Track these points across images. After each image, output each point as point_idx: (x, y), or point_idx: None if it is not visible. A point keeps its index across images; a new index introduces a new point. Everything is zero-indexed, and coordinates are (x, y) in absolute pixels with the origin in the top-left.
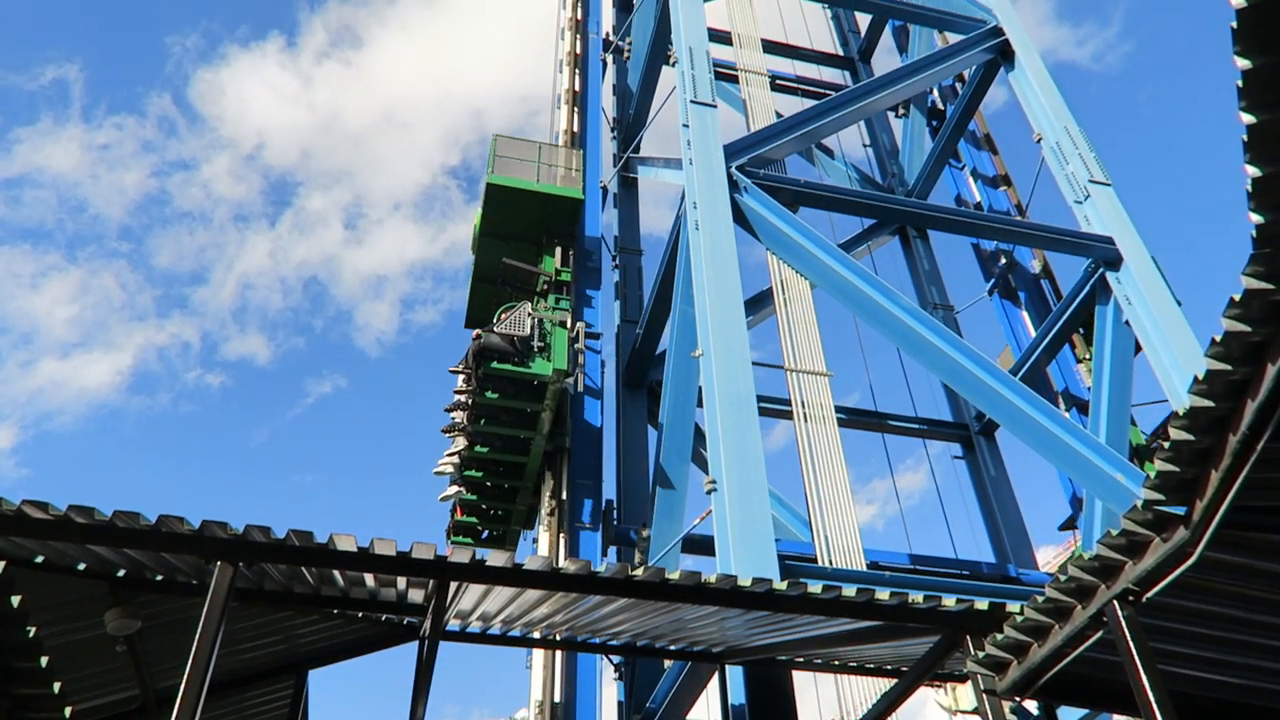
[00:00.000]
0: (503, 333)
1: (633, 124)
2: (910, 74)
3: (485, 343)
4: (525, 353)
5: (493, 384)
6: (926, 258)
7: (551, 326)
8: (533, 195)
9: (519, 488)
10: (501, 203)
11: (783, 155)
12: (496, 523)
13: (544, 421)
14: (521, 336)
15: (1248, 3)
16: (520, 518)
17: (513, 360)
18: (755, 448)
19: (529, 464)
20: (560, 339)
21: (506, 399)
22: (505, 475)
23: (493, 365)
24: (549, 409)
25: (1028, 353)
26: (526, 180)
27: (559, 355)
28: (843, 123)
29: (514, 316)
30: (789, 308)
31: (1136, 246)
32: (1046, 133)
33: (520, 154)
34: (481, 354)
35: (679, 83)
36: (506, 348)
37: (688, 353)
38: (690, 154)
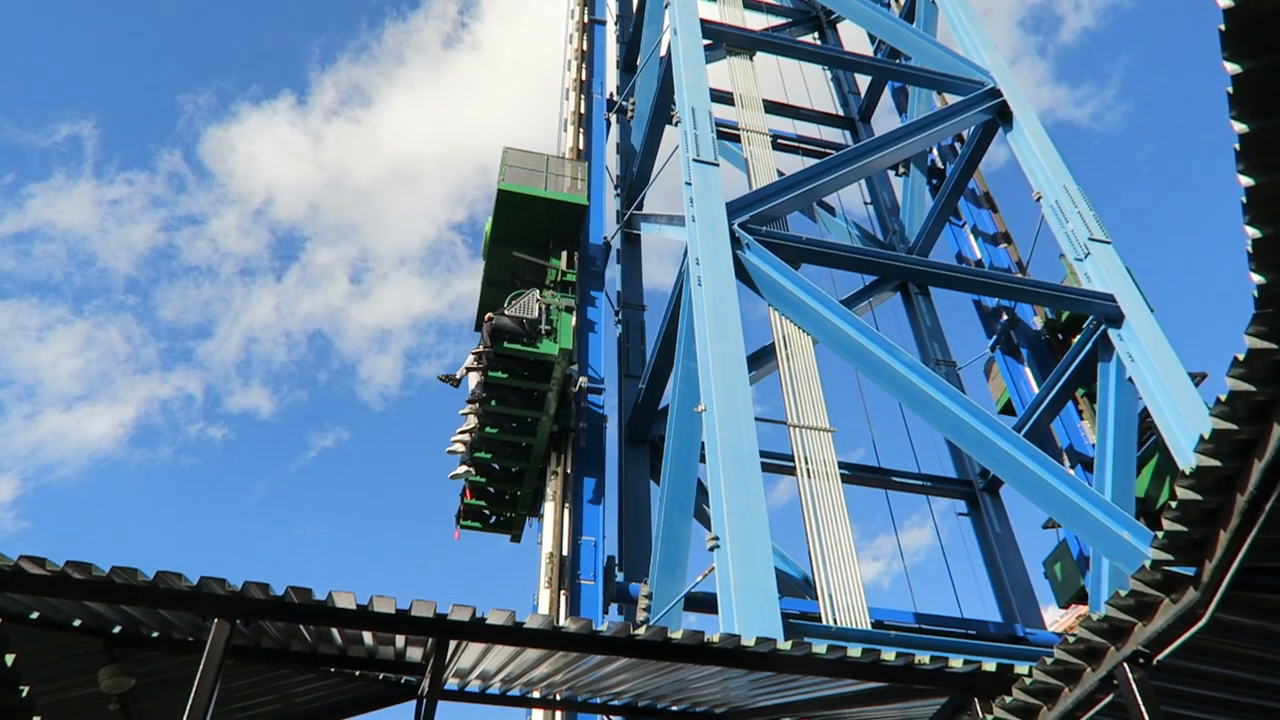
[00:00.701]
0: (513, 315)
1: (636, 182)
2: (909, 134)
3: (497, 324)
4: (533, 334)
5: (502, 364)
6: (928, 314)
7: (558, 312)
8: (540, 200)
9: (526, 469)
10: (511, 208)
11: (784, 213)
12: (503, 506)
13: (550, 402)
14: (530, 319)
15: (1242, 68)
16: (527, 501)
17: (522, 341)
18: (758, 504)
19: (535, 445)
20: (565, 323)
21: (515, 379)
22: (513, 456)
23: (504, 345)
24: (555, 389)
25: (1031, 409)
26: (535, 187)
27: (564, 336)
28: (843, 181)
29: (523, 301)
30: (791, 363)
31: (1137, 303)
32: (1046, 191)
33: (529, 165)
34: (496, 333)
35: (682, 141)
36: (516, 329)
37: (690, 408)
38: (693, 211)
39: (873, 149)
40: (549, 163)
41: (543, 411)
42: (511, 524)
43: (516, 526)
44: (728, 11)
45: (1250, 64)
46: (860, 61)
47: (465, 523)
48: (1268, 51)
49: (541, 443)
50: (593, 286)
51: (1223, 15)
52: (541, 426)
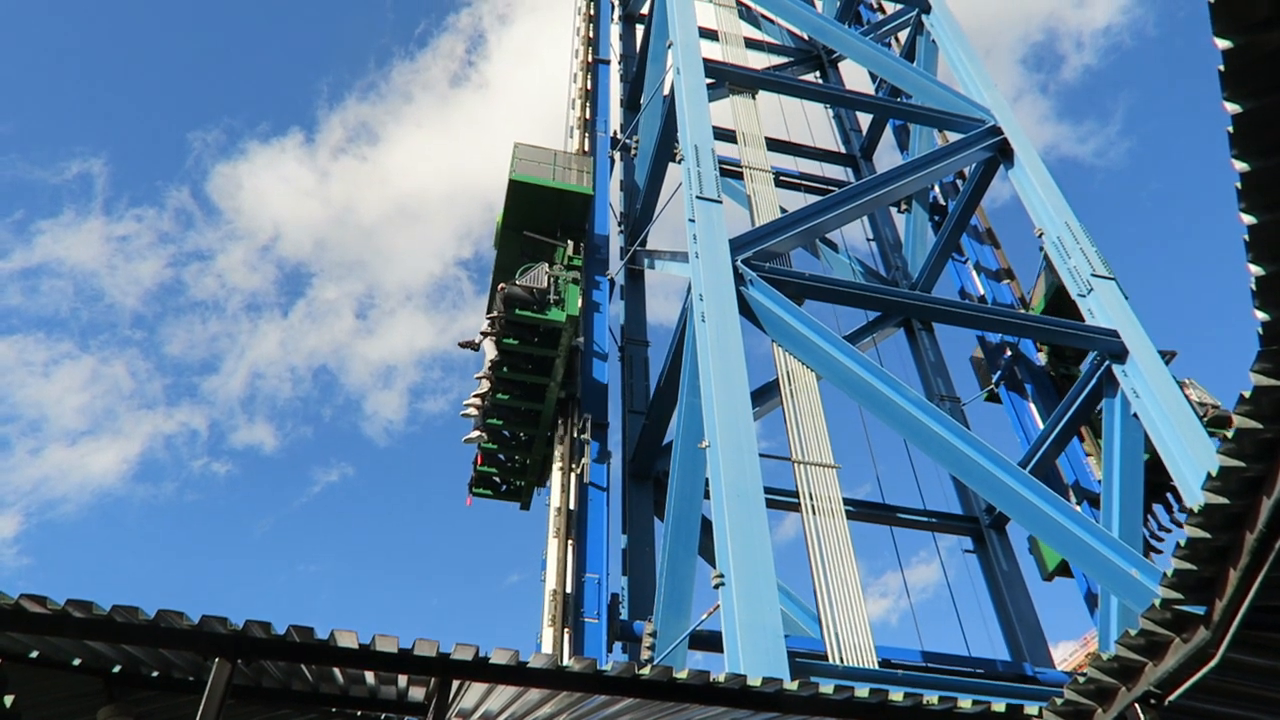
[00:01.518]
0: (523, 285)
1: (639, 219)
2: (911, 171)
3: (509, 292)
4: (542, 303)
5: (514, 331)
6: (932, 350)
7: (565, 284)
8: (548, 190)
9: (535, 436)
10: (521, 197)
11: (787, 249)
12: (514, 474)
13: (558, 369)
14: (539, 289)
15: (1242, 108)
16: (535, 469)
17: (532, 308)
18: (763, 541)
19: (544, 411)
20: (573, 294)
21: (526, 345)
22: (523, 423)
23: (516, 312)
24: (562, 356)
25: (1036, 445)
26: (544, 178)
27: (571, 304)
28: (846, 217)
29: (533, 274)
30: (795, 399)
31: (1141, 339)
32: (1047, 228)
33: (538, 159)
34: (508, 301)
35: (685, 179)
36: (527, 296)
37: (694, 444)
38: (696, 248)
39: (875, 186)
40: (556, 157)
41: (551, 378)
42: (521, 492)
43: (526, 494)
44: (730, 51)
45: (1250, 104)
46: (861, 100)
47: (478, 490)
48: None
49: (550, 408)
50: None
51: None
52: (550, 393)
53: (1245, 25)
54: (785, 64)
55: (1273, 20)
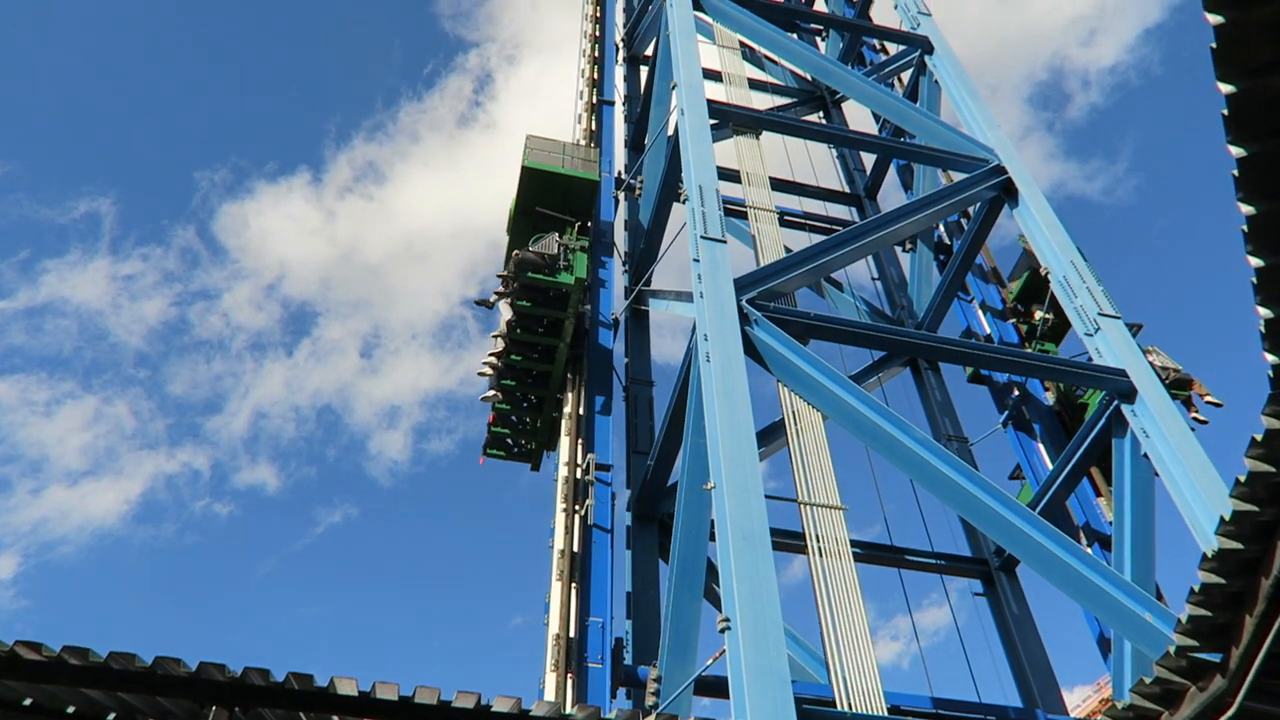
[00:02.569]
0: (535, 251)
1: (643, 258)
2: (915, 211)
3: (522, 257)
4: (553, 267)
5: (527, 294)
6: (938, 390)
7: (574, 252)
8: (559, 177)
9: (545, 397)
10: (533, 184)
11: (793, 289)
12: (525, 434)
13: (567, 330)
14: (550, 254)
15: (1248, 152)
16: (544, 432)
17: (543, 271)
18: (769, 584)
19: (554, 371)
20: (580, 260)
21: (538, 307)
22: (535, 385)
23: (529, 275)
24: (571, 317)
25: (1045, 486)
26: (554, 165)
27: (580, 268)
28: (851, 257)
29: (545, 242)
30: (801, 440)
31: (1150, 379)
32: (1053, 267)
33: (549, 149)
34: (521, 265)
35: (689, 219)
36: (539, 261)
37: (699, 485)
38: (701, 287)
39: (879, 225)
40: (565, 148)
41: (560, 339)
42: (532, 454)
43: (536, 456)
44: (734, 92)
45: (1255, 148)
46: (865, 140)
47: (491, 451)
48: (1271, 136)
49: (560, 368)
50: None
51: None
52: (559, 353)
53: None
54: (789, 104)
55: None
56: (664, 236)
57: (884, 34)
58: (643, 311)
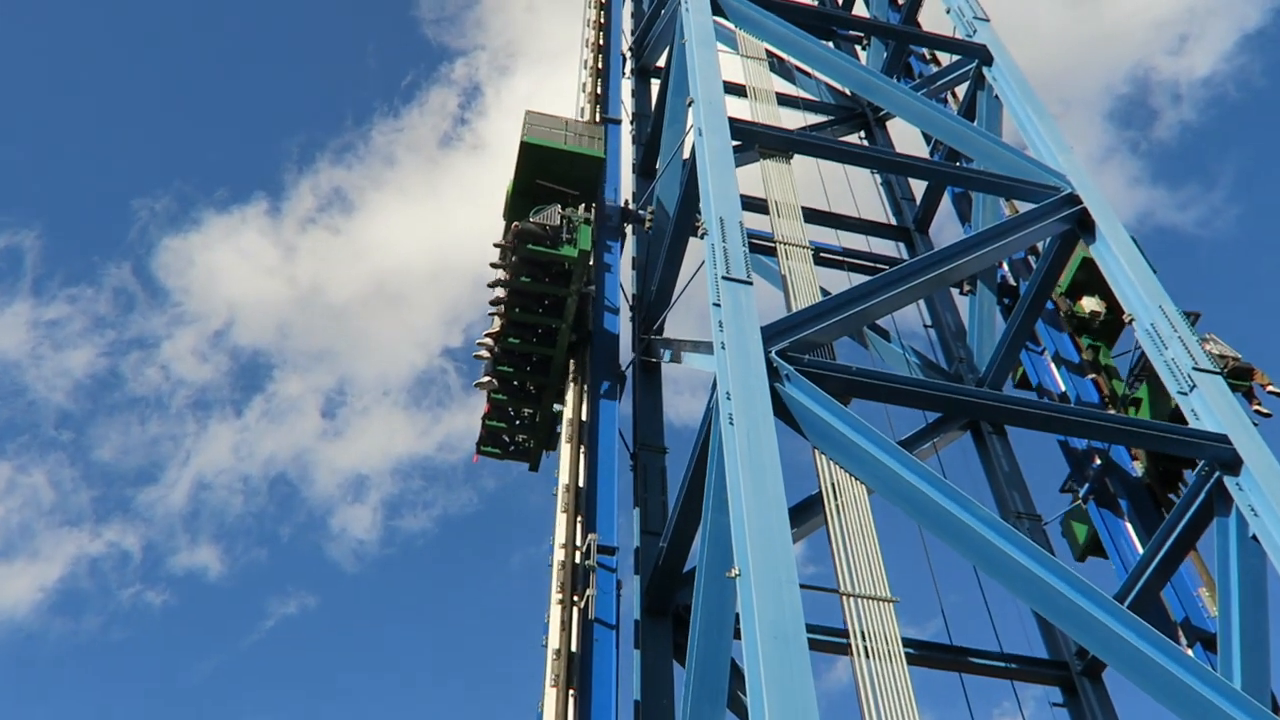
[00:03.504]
0: (536, 222)
1: (655, 302)
2: (975, 247)
3: (523, 228)
4: (555, 239)
5: (527, 269)
6: (1005, 458)
7: (578, 224)
8: (561, 153)
9: (546, 385)
10: (533, 161)
11: (831, 338)
12: (523, 430)
13: (569, 309)
14: (552, 226)
15: None
16: (545, 428)
17: (545, 243)
18: (806, 691)
19: (555, 356)
20: (584, 232)
21: (538, 283)
22: (534, 372)
23: (529, 247)
24: (574, 295)
25: (1136, 574)
26: (556, 141)
27: (584, 240)
28: (900, 301)
29: (546, 213)
30: (843, 518)
31: (1257, 447)
32: (1138, 314)
33: (550, 125)
34: (522, 236)
35: (709, 256)
36: (540, 233)
37: (721, 572)
38: (722, 337)
39: (932, 264)
40: (568, 124)
41: (562, 319)
42: (530, 453)
43: (535, 455)
44: (760, 109)
45: None
46: (914, 164)
47: (485, 449)
48: None
49: (561, 354)
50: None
51: None
52: (561, 335)
53: None
54: (824, 123)
55: None
56: (678, 277)
57: (935, 42)
58: (653, 364)
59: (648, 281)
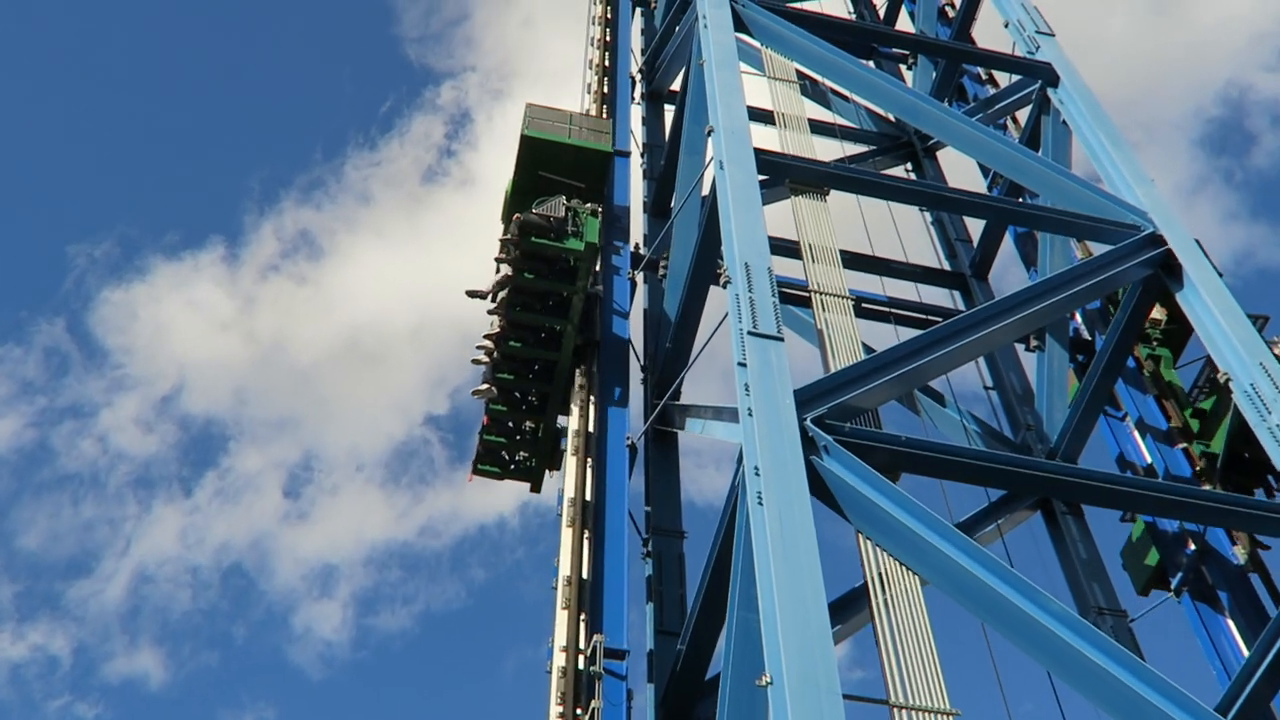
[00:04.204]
0: (540, 213)
1: (670, 361)
2: (1042, 296)
3: (525, 219)
4: (560, 232)
5: (530, 265)
6: (1082, 542)
7: (584, 216)
8: (565, 147)
9: (550, 394)
10: (535, 157)
11: (876, 403)
12: (525, 446)
13: (575, 308)
14: (557, 218)
15: None
16: (548, 446)
17: (549, 235)
18: None
19: (560, 361)
20: (592, 225)
21: (542, 280)
22: (537, 379)
23: (532, 240)
24: (580, 294)
25: (1241, 680)
26: (559, 135)
27: (591, 233)
28: (956, 359)
29: (551, 204)
30: (893, 614)
31: None
32: (1236, 373)
33: (554, 119)
34: (524, 228)
35: (732, 308)
36: (544, 224)
37: (750, 680)
38: (749, 402)
39: (993, 315)
40: (573, 118)
41: (568, 319)
42: (532, 472)
43: (538, 474)
44: (791, 138)
45: None
46: (969, 200)
47: (483, 467)
48: None
49: (566, 358)
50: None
51: None
52: (566, 338)
53: None
54: (865, 154)
55: None
56: (697, 332)
57: (992, 60)
58: (669, 435)
59: (661, 337)
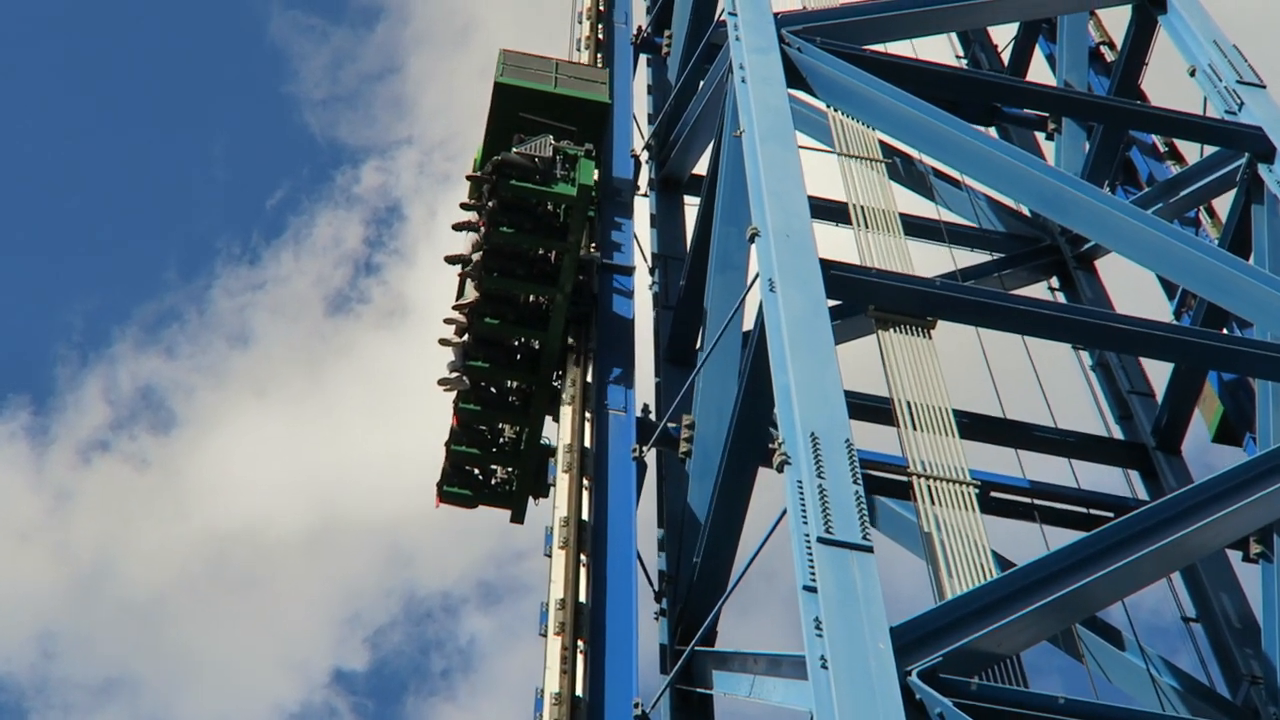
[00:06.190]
0: (522, 153)
1: (699, 583)
2: (1267, 477)
3: (504, 158)
4: (548, 175)
5: (509, 216)
6: None
7: (577, 156)
8: (551, 98)
9: (535, 389)
10: (512, 110)
11: (1017, 647)
12: (503, 459)
13: (567, 272)
14: (544, 157)
15: None
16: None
17: (534, 178)
18: None
19: (547, 343)
20: (586, 167)
21: (524, 234)
22: (519, 369)
23: (513, 183)
24: (573, 251)
25: None
26: (543, 84)
27: (585, 175)
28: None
29: (535, 144)
30: None
31: None
32: None
33: (535, 66)
34: (503, 169)
35: (792, 503)
36: (528, 164)
37: None
38: (822, 648)
39: (1194, 509)
40: (559, 66)
41: (557, 288)
42: (512, 495)
43: (519, 498)
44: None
45: None
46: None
47: (451, 489)
48: None
49: (554, 341)
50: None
51: None
52: (556, 311)
53: None
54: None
55: None
56: (739, 539)
57: (1175, 124)
58: (700, 698)
59: (685, 548)
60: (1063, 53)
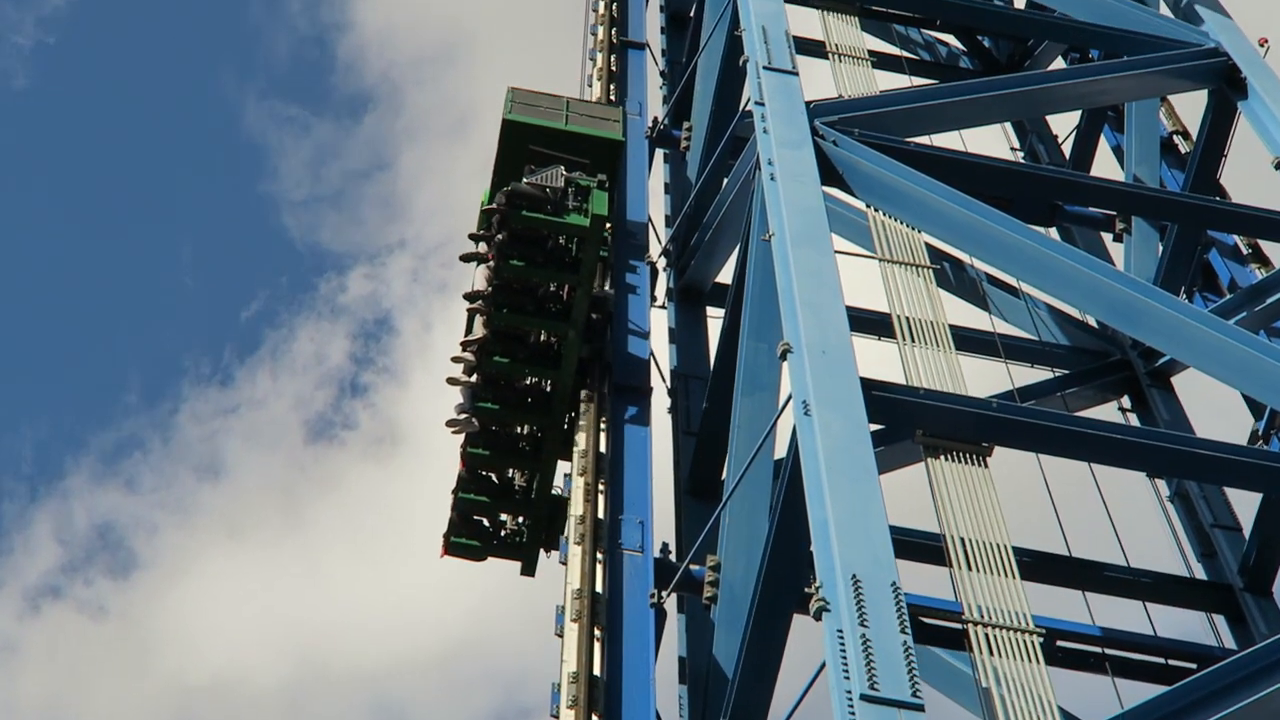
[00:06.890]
0: (533, 183)
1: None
2: None
3: (515, 189)
4: (559, 206)
5: (519, 248)
6: None
7: (589, 186)
8: (562, 137)
9: (546, 433)
10: (520, 150)
11: None
12: (513, 506)
13: (579, 307)
14: (555, 187)
15: None
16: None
17: (545, 209)
18: None
19: (561, 379)
20: (600, 198)
21: (535, 268)
22: (529, 410)
23: (523, 213)
24: (585, 285)
25: None
26: (553, 121)
27: (599, 205)
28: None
29: (545, 174)
30: None
31: None
32: None
33: (545, 104)
34: (514, 199)
35: (832, 659)
36: (538, 194)
37: None
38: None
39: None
40: (570, 104)
41: (569, 324)
42: (522, 546)
43: (530, 548)
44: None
45: None
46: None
47: (459, 540)
48: None
49: (566, 379)
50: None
51: None
52: (568, 348)
53: None
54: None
55: None
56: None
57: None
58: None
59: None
60: (1131, 144)
